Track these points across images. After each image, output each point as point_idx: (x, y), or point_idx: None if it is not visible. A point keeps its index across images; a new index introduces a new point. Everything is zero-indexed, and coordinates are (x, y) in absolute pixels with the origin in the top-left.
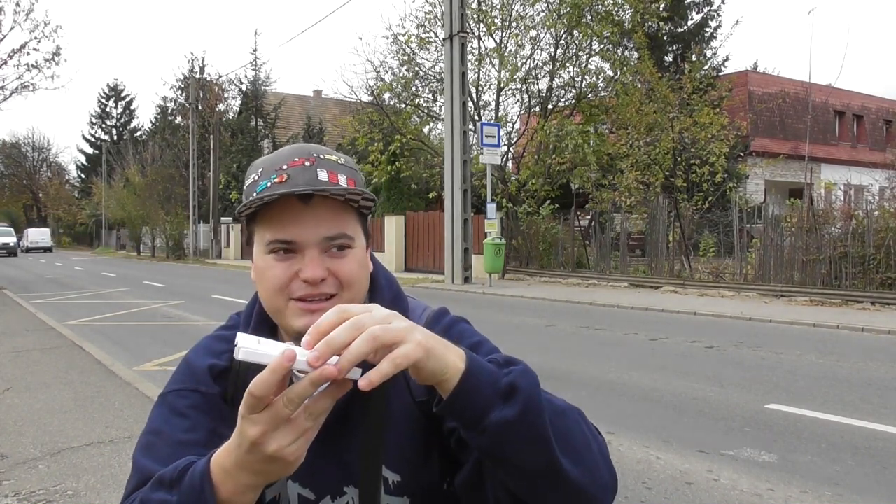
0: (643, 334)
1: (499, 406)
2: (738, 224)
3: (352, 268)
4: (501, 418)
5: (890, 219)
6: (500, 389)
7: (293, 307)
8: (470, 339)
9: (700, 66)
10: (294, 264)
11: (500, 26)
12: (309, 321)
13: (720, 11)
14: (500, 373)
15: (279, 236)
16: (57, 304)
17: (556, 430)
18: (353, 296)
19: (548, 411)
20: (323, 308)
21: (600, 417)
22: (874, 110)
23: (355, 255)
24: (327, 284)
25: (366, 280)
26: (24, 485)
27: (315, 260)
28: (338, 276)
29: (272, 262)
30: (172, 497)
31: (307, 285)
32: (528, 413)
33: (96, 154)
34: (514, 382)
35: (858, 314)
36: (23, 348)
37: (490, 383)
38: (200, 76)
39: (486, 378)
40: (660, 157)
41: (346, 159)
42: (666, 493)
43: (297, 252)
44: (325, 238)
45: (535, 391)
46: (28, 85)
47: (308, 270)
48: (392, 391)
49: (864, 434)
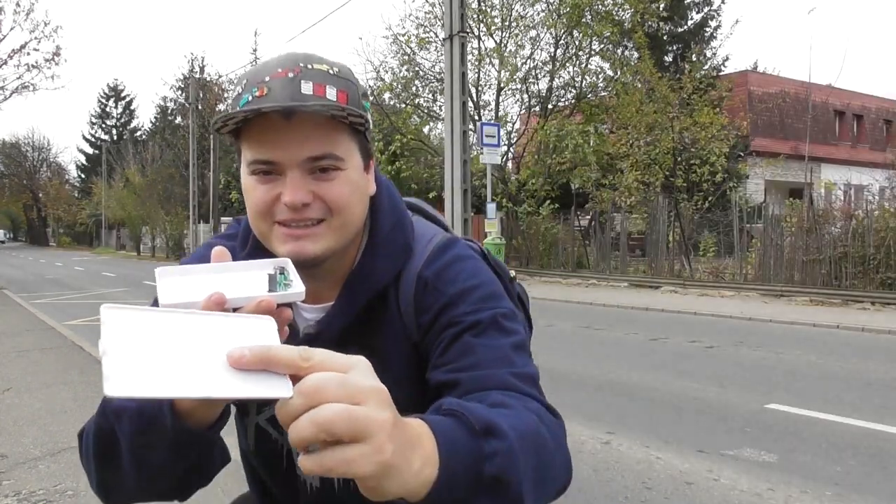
0: (643, 334)
1: (477, 500)
2: (738, 224)
3: (341, 191)
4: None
5: (890, 219)
6: (482, 483)
7: (277, 232)
8: (463, 282)
9: (700, 66)
10: (276, 186)
11: (500, 26)
12: (293, 248)
13: (720, 11)
14: (480, 461)
15: (259, 156)
16: (57, 304)
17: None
18: (345, 221)
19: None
20: (309, 234)
21: (600, 417)
22: (874, 110)
23: (346, 178)
24: (313, 209)
25: (362, 204)
26: (24, 485)
27: (297, 183)
28: (324, 200)
29: (254, 184)
30: (130, 402)
31: (290, 209)
32: (514, 500)
33: (96, 154)
34: (501, 476)
35: (858, 314)
36: (23, 348)
37: (468, 482)
38: (200, 76)
39: (462, 479)
40: (660, 157)
41: (341, 68)
42: (666, 493)
43: (280, 173)
44: (308, 159)
45: (523, 477)
46: (28, 85)
47: (289, 194)
48: (386, 328)
49: (864, 434)
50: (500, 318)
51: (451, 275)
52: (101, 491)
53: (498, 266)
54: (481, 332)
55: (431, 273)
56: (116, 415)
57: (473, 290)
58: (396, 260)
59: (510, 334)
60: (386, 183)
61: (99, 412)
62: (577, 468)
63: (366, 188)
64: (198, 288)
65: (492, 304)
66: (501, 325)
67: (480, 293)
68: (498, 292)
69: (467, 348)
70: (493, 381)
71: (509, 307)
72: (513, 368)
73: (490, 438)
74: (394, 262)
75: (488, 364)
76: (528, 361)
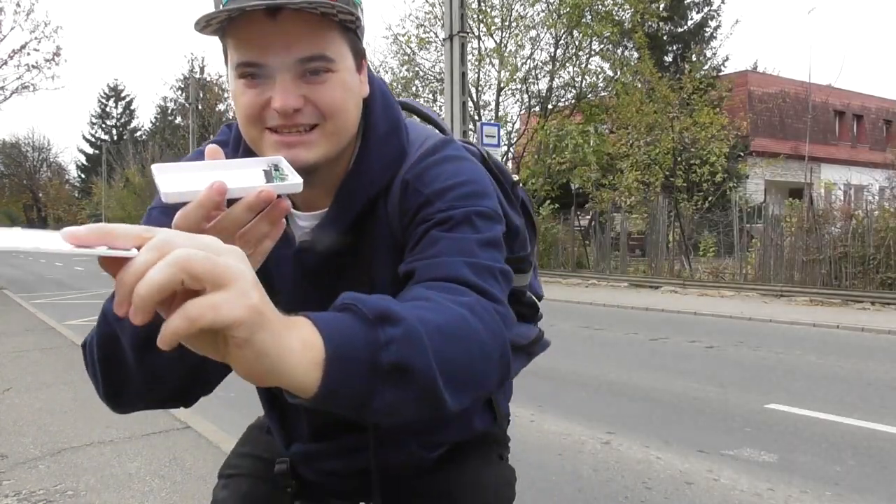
0: (643, 334)
1: (381, 391)
2: (738, 224)
3: (333, 95)
4: (387, 405)
5: (890, 219)
6: (381, 373)
7: (268, 138)
8: (442, 182)
9: (700, 66)
10: (265, 91)
11: (500, 26)
12: (286, 155)
13: (720, 11)
14: (375, 350)
15: (245, 58)
16: (57, 304)
17: (450, 377)
18: (338, 126)
19: (440, 365)
20: (302, 142)
21: (600, 417)
22: (874, 110)
23: (339, 80)
24: (304, 114)
25: (355, 108)
26: (24, 485)
27: (287, 86)
28: (316, 104)
29: (242, 88)
30: None
31: (281, 115)
32: (423, 391)
33: (96, 154)
34: (400, 363)
35: (858, 314)
36: (23, 348)
37: (365, 372)
38: (200, 76)
39: (357, 370)
40: (660, 157)
41: None
42: (666, 493)
43: (269, 77)
44: (297, 60)
45: (427, 360)
46: (28, 85)
47: (279, 99)
48: (378, 236)
49: (864, 434)
50: (474, 215)
51: (432, 175)
52: (108, 397)
53: (499, 169)
54: (451, 227)
55: (413, 174)
56: (117, 318)
57: (452, 189)
58: (391, 164)
59: (481, 231)
60: (379, 84)
61: (101, 319)
62: (577, 468)
63: (359, 90)
64: (196, 180)
65: (470, 202)
66: (473, 222)
67: (459, 192)
68: (481, 191)
69: (432, 241)
70: (444, 269)
71: (491, 207)
72: (471, 258)
73: (385, 326)
74: (388, 166)
75: (446, 254)
76: (494, 256)
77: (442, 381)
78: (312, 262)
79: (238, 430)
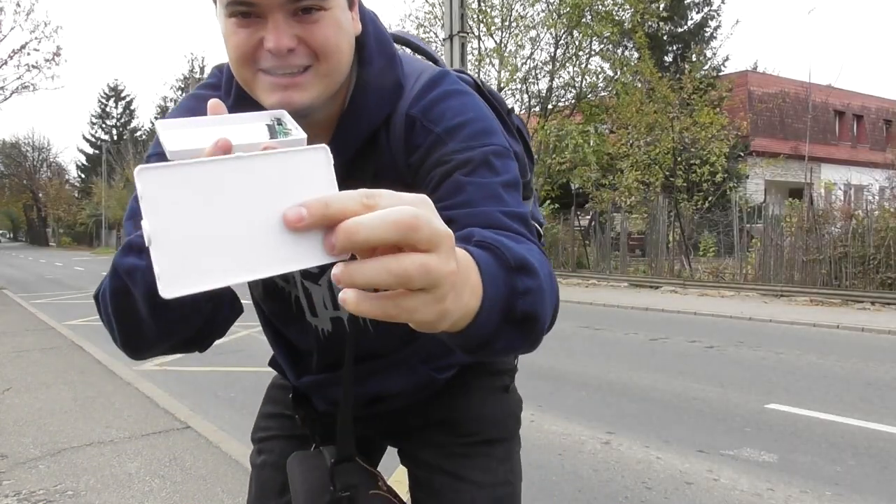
0: (643, 334)
1: (507, 335)
2: (738, 224)
3: (326, 34)
4: (505, 347)
5: (890, 219)
6: (513, 319)
7: (262, 80)
8: (451, 119)
9: (700, 66)
10: (257, 31)
11: (500, 26)
12: (281, 98)
13: (720, 11)
14: (514, 297)
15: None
16: (57, 304)
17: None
18: (332, 67)
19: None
20: (296, 83)
21: (600, 417)
22: (874, 110)
23: (332, 18)
24: (298, 55)
25: (349, 46)
26: (24, 485)
27: (280, 26)
28: (309, 44)
29: (233, 28)
30: (141, 262)
31: (274, 56)
32: (538, 335)
33: (96, 154)
34: (532, 312)
35: (858, 314)
36: (23, 348)
37: (501, 317)
38: (200, 76)
39: (496, 314)
40: (660, 157)
41: None
42: (666, 493)
43: (260, 15)
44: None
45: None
46: (28, 85)
47: (272, 39)
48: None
49: (864, 434)
50: (490, 156)
51: (439, 111)
52: (126, 346)
53: (493, 97)
54: (472, 170)
55: (419, 110)
56: (128, 274)
57: (463, 127)
58: (388, 100)
59: (501, 173)
60: (371, 17)
61: (111, 273)
62: (577, 468)
63: (351, 28)
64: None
65: (483, 140)
66: (492, 163)
67: (471, 129)
68: (489, 128)
69: (457, 186)
70: (485, 218)
71: (502, 143)
72: (503, 207)
73: (523, 276)
74: (385, 102)
75: (479, 202)
76: (518, 200)
77: (546, 326)
78: None
79: (238, 430)
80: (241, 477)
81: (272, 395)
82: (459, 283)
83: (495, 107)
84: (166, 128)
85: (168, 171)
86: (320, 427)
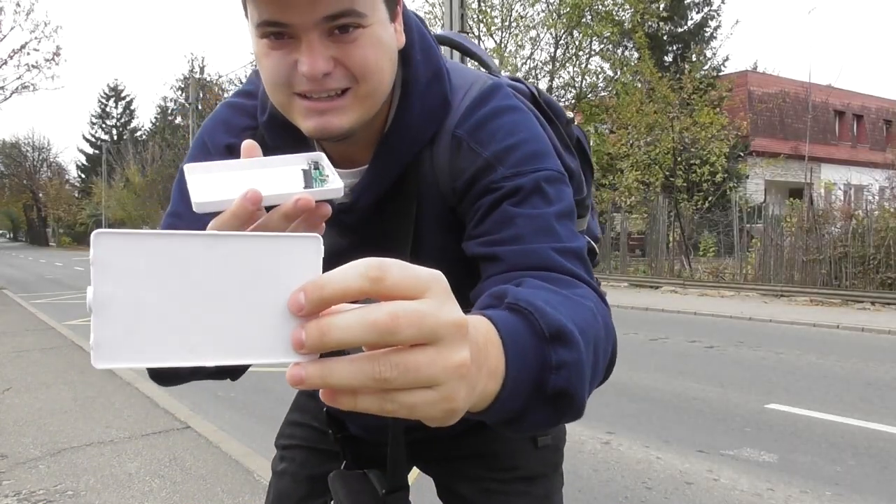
0: (643, 334)
1: (537, 412)
2: (738, 224)
3: (365, 54)
4: (535, 424)
5: (890, 219)
6: (545, 395)
7: (298, 105)
8: (501, 141)
9: (700, 66)
10: (291, 52)
11: (500, 26)
12: (318, 123)
13: (720, 11)
14: (546, 372)
15: (266, 16)
16: (57, 304)
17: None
18: (372, 89)
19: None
20: (334, 107)
21: (600, 417)
22: (874, 110)
23: (371, 36)
24: (335, 78)
25: (391, 63)
26: (24, 485)
27: (314, 48)
28: (347, 66)
29: (266, 50)
30: None
31: (309, 80)
32: (573, 412)
33: (96, 154)
34: (566, 389)
35: (858, 314)
36: (23, 348)
37: (531, 393)
38: (200, 76)
39: (524, 390)
40: (660, 157)
41: None
42: (666, 493)
43: (294, 36)
44: (324, 18)
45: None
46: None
47: (306, 63)
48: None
49: (864, 434)
50: (543, 182)
51: (487, 132)
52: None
53: (552, 109)
54: (522, 199)
55: (466, 131)
56: None
57: (513, 150)
58: (435, 117)
59: (554, 202)
60: (417, 27)
61: None
62: (577, 468)
63: (394, 44)
64: (230, 185)
65: (535, 165)
66: (544, 191)
67: (521, 153)
68: (542, 150)
69: (506, 218)
70: (536, 258)
71: (555, 167)
72: (556, 243)
73: (558, 347)
74: (432, 119)
75: (530, 237)
76: (572, 232)
77: (587, 396)
78: (352, 221)
79: (238, 430)
80: (241, 477)
81: (300, 402)
82: (473, 374)
83: (551, 118)
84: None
85: (125, 239)
86: (353, 448)
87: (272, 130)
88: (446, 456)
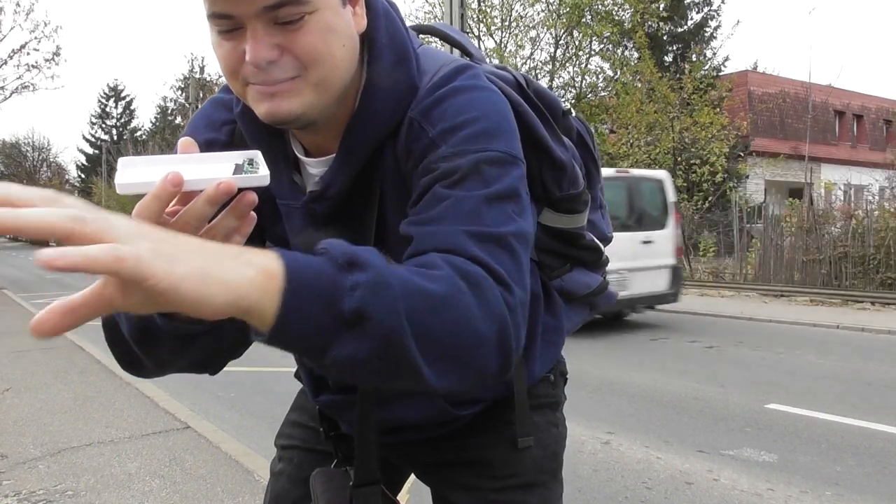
0: (643, 334)
1: (342, 340)
2: (738, 224)
3: (311, 40)
4: (347, 356)
5: (890, 219)
6: (343, 319)
7: (252, 91)
8: (451, 119)
9: (700, 66)
10: (240, 43)
11: (500, 26)
12: (269, 107)
13: (720, 11)
14: (339, 289)
15: (213, 8)
16: None
17: (427, 345)
18: (324, 74)
19: (414, 327)
20: (283, 90)
21: (600, 417)
22: (874, 110)
23: (318, 22)
24: (281, 67)
25: (344, 49)
26: (24, 485)
27: (258, 37)
28: (294, 53)
29: (218, 41)
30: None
31: (256, 69)
32: (387, 347)
33: (96, 154)
34: (362, 309)
35: (858, 314)
36: (23, 348)
37: (327, 315)
38: (200, 76)
39: (318, 310)
40: (660, 157)
41: None
42: (666, 493)
43: (241, 27)
44: (265, 7)
45: (394, 314)
46: (28, 85)
47: (250, 53)
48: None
49: (864, 434)
50: (483, 164)
51: (439, 112)
52: (127, 370)
53: (543, 99)
54: (457, 181)
55: (419, 112)
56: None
57: (459, 129)
58: (400, 102)
59: (491, 184)
60: (384, 11)
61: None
62: (577, 468)
63: (348, 28)
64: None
65: (481, 144)
66: (483, 172)
67: (468, 132)
68: (493, 129)
69: (435, 199)
70: (441, 239)
71: (504, 149)
72: (473, 226)
73: (354, 271)
74: (398, 104)
75: (448, 219)
76: (505, 217)
77: (416, 347)
78: (323, 209)
79: (238, 430)
80: (241, 477)
81: (300, 402)
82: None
83: (540, 108)
84: (127, 165)
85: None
86: (344, 446)
87: (246, 123)
88: (441, 461)
